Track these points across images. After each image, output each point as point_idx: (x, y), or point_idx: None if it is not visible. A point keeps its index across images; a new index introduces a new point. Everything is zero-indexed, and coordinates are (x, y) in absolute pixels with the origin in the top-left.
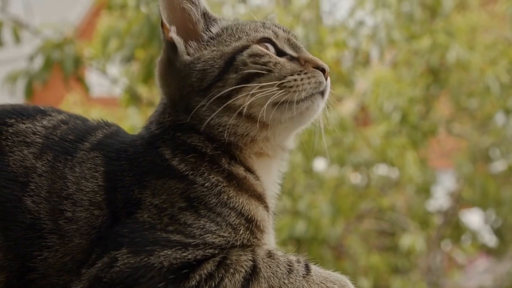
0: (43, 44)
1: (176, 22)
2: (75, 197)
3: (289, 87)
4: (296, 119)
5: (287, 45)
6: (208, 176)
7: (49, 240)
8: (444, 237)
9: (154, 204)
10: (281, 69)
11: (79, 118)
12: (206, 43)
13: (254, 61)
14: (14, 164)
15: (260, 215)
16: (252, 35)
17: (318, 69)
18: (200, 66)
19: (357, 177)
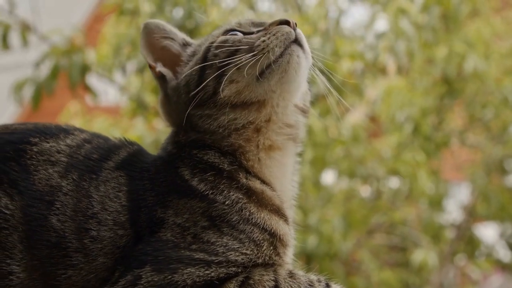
0: (50, 51)
1: (160, 58)
2: (100, 216)
3: (261, 50)
4: (284, 79)
5: (252, 26)
6: (228, 194)
7: (74, 259)
8: (457, 252)
9: (177, 223)
10: (248, 41)
11: (101, 137)
12: (186, 63)
13: (223, 47)
14: (39, 183)
15: (281, 229)
16: (217, 33)
17: (281, 24)
18: (184, 81)
19: (367, 190)
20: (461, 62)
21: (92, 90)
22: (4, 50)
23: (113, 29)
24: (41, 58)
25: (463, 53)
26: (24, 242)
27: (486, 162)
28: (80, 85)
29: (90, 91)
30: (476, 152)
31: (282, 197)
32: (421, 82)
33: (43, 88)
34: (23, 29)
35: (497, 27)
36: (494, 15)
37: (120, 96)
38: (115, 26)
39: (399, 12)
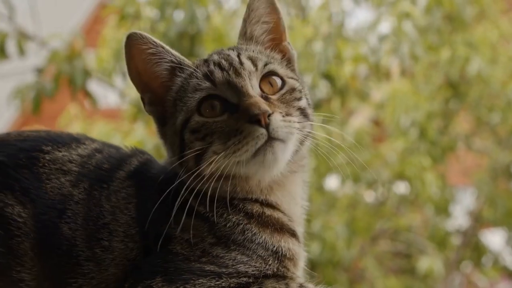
0: (51, 56)
1: (148, 88)
2: (111, 227)
3: (233, 153)
4: (262, 169)
5: (228, 90)
6: (227, 217)
7: (85, 268)
8: (463, 259)
9: (184, 238)
10: (220, 137)
11: (113, 146)
12: (169, 111)
13: (196, 138)
14: (51, 192)
15: (284, 246)
16: (190, 102)
17: (251, 122)
18: (168, 141)
19: (371, 195)
20: (464, 65)
21: (92, 96)
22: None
23: (113, 32)
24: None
25: (466, 56)
26: (35, 250)
27: (492, 167)
28: (81, 91)
29: (90, 97)
30: (482, 156)
31: (290, 215)
32: (426, 86)
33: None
34: (20, 38)
35: (505, 29)
36: (502, 17)
37: (121, 100)
38: (115, 29)
39: (402, 16)
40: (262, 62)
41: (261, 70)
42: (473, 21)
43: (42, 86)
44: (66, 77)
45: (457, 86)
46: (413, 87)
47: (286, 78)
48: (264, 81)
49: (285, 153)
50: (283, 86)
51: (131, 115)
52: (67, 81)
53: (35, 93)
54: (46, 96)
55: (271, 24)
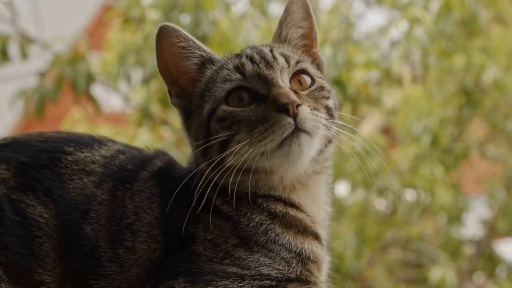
0: (54, 60)
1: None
2: (135, 227)
3: (258, 142)
4: (287, 161)
5: (258, 82)
6: (251, 216)
7: (107, 269)
8: (476, 270)
9: (208, 239)
10: (246, 125)
11: (135, 148)
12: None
13: (222, 127)
14: (74, 192)
15: (307, 248)
16: (218, 92)
17: (280, 111)
18: (193, 134)
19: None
20: (480, 73)
21: (95, 100)
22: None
23: (117, 36)
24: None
25: (482, 63)
26: (57, 251)
27: (507, 175)
28: (84, 95)
29: (93, 101)
30: (496, 164)
31: (313, 217)
32: (439, 92)
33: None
34: (23, 41)
35: None
36: None
37: (125, 105)
38: (120, 33)
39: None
40: (294, 59)
41: (293, 67)
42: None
43: (45, 89)
44: (69, 81)
45: (471, 93)
46: (426, 93)
47: (316, 77)
48: (294, 78)
49: (311, 147)
50: (313, 84)
51: (136, 120)
52: (70, 85)
53: (38, 97)
54: (49, 100)
55: (305, 29)
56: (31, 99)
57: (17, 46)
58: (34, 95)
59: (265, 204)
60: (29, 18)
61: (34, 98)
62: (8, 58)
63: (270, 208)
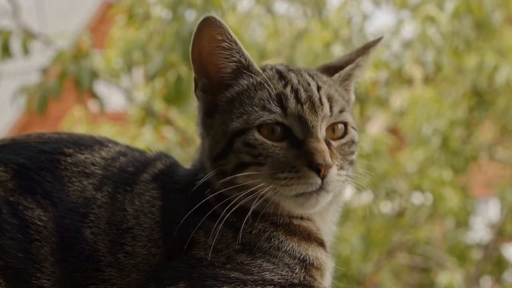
0: (57, 56)
1: (206, 74)
2: (135, 232)
3: (280, 186)
4: (301, 208)
5: (297, 123)
6: (253, 223)
7: (106, 273)
8: (484, 274)
9: (209, 244)
10: (273, 162)
11: (137, 150)
12: (221, 107)
13: (247, 152)
14: (73, 195)
15: (311, 254)
16: (253, 116)
17: (312, 169)
18: (211, 137)
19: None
20: (493, 73)
21: (99, 98)
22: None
23: (121, 32)
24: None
25: (495, 63)
26: (55, 255)
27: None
28: (87, 92)
29: (97, 99)
30: (505, 167)
31: (318, 224)
32: (449, 93)
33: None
34: (25, 37)
35: None
36: None
37: (128, 103)
38: (123, 29)
39: (427, 20)
40: (338, 106)
41: (335, 117)
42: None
43: (47, 86)
44: (72, 78)
45: (483, 94)
46: (435, 94)
47: (349, 128)
48: (330, 126)
49: (327, 200)
50: (344, 135)
51: (139, 119)
52: (73, 82)
53: (41, 94)
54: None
55: (362, 70)
56: (33, 96)
57: (19, 41)
58: (36, 92)
59: (267, 216)
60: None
61: (36, 95)
62: (9, 54)
63: (273, 219)
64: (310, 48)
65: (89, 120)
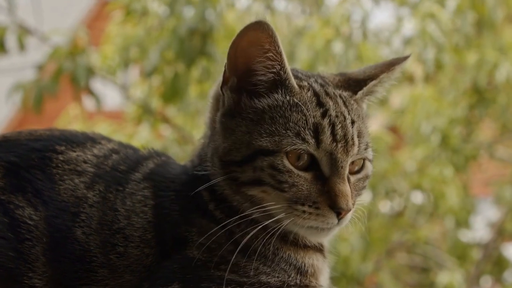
0: (53, 52)
1: (237, 73)
2: (127, 232)
3: (296, 216)
4: (309, 236)
5: (326, 158)
6: (245, 229)
7: (99, 274)
8: (484, 274)
9: (202, 243)
10: (296, 192)
11: (130, 147)
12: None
13: (272, 175)
14: (65, 193)
15: (307, 262)
16: (286, 141)
17: (333, 210)
18: (230, 141)
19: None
20: (493, 71)
21: (95, 95)
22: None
23: (118, 29)
24: (44, 61)
25: (495, 61)
26: (47, 255)
27: None
28: (84, 90)
29: (93, 96)
30: (505, 166)
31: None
32: (449, 91)
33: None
34: (20, 32)
35: None
36: None
37: (125, 100)
38: (120, 26)
39: (428, 17)
40: (364, 143)
41: (360, 153)
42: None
43: (44, 83)
44: (68, 75)
45: (483, 92)
46: (435, 92)
47: (367, 162)
48: None
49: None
50: (361, 170)
51: (136, 117)
52: (69, 79)
53: (36, 91)
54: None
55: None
56: (29, 93)
57: (15, 37)
58: (32, 89)
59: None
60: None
61: (32, 92)
62: (5, 49)
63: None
64: (311, 46)
65: (85, 118)
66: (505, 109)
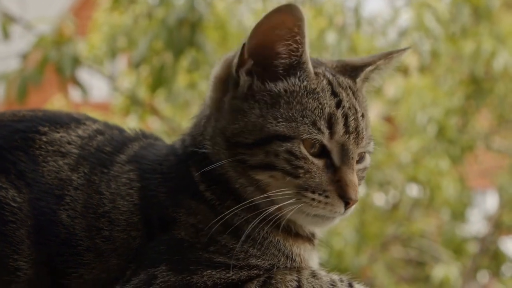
0: (38, 41)
1: (256, 57)
2: (112, 216)
3: (304, 203)
4: (310, 225)
5: (337, 149)
6: (242, 213)
7: (85, 258)
8: (481, 268)
9: (190, 223)
10: (308, 179)
11: (116, 128)
12: (261, 96)
13: (287, 159)
14: (48, 175)
15: (295, 251)
16: (302, 128)
17: (342, 200)
18: (240, 124)
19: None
20: (490, 60)
21: (82, 86)
22: None
23: (105, 16)
24: (29, 50)
25: (492, 49)
26: (32, 238)
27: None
28: (70, 80)
29: (80, 86)
30: (503, 157)
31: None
32: (445, 81)
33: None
34: (5, 21)
35: None
36: None
37: (112, 91)
38: (107, 13)
39: (424, 7)
40: (368, 136)
41: (365, 147)
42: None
43: (28, 73)
44: (53, 64)
45: (479, 82)
46: (431, 82)
47: (366, 154)
48: None
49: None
50: (361, 161)
51: (124, 108)
52: (54, 69)
53: (21, 81)
54: (32, 85)
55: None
56: (12, 84)
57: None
58: (16, 79)
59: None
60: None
61: (15, 82)
62: None
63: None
64: None
65: (71, 109)
66: (503, 99)
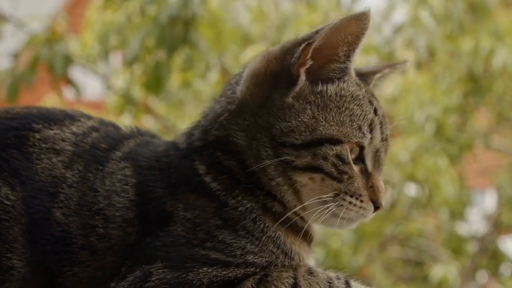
0: (30, 40)
1: (316, 59)
2: (107, 213)
3: (341, 204)
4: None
5: (371, 155)
6: (242, 200)
7: (80, 256)
8: (480, 268)
9: (187, 218)
10: (349, 184)
11: (111, 125)
12: (312, 97)
13: (334, 163)
14: (42, 173)
15: (294, 249)
16: (351, 133)
17: (373, 204)
18: (291, 124)
19: None
20: (489, 57)
21: (75, 84)
22: None
23: (98, 14)
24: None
25: (491, 47)
26: (26, 236)
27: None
28: (62, 79)
29: (73, 85)
30: (502, 156)
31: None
32: (443, 79)
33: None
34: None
35: None
36: None
37: (105, 90)
38: (99, 11)
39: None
40: None
41: None
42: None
43: (19, 72)
44: (45, 63)
45: (478, 80)
46: (429, 80)
47: None
48: None
49: None
50: None
51: (118, 107)
52: (46, 68)
53: (11, 80)
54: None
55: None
56: (3, 83)
57: None
58: (7, 79)
59: (262, 197)
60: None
61: (6, 81)
62: None
63: (266, 203)
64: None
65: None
66: (501, 97)
